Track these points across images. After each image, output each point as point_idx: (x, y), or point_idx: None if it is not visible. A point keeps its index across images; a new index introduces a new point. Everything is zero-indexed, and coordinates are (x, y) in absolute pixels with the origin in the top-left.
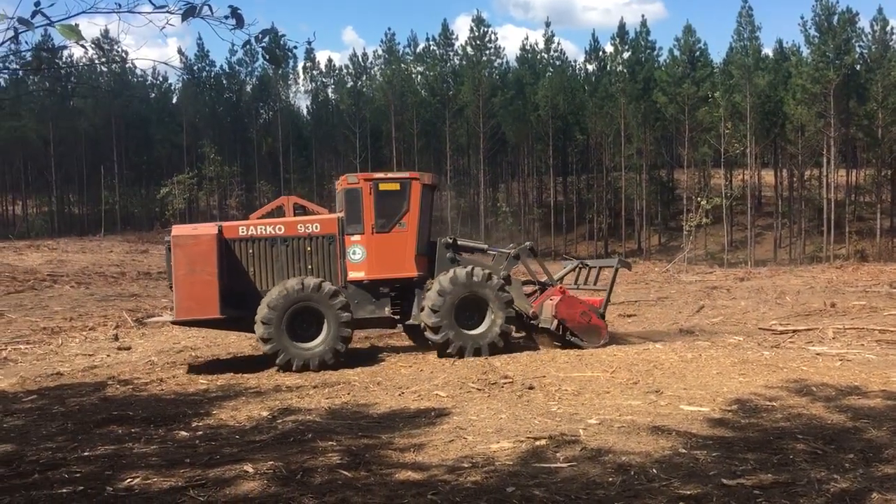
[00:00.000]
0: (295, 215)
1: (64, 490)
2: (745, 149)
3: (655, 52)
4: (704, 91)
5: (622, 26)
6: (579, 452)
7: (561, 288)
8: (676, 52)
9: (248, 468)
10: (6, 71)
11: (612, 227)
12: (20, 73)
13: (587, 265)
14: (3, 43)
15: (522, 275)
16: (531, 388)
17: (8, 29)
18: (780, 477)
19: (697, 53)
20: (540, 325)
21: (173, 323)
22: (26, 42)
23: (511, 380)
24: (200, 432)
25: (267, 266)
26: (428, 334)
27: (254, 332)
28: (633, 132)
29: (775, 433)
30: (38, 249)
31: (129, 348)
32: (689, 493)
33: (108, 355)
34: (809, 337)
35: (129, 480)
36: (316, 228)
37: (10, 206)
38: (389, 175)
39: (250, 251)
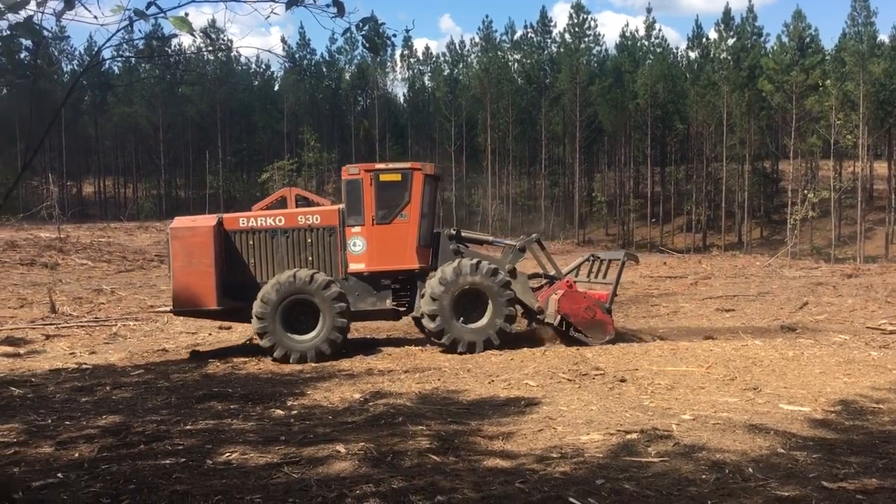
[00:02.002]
0: (297, 207)
1: (167, 461)
2: (856, 139)
3: (762, 39)
4: (814, 79)
5: (727, 12)
6: (672, 448)
7: (568, 282)
8: (785, 39)
9: (341, 448)
10: (120, 58)
11: (711, 219)
12: (133, 60)
13: (598, 258)
14: (117, 31)
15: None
16: (623, 380)
17: (123, 19)
18: (886, 482)
19: (807, 40)
20: (545, 320)
21: (171, 313)
22: (139, 30)
23: (603, 372)
24: (295, 411)
25: (267, 258)
26: (425, 321)
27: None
28: (736, 121)
29: (881, 436)
30: (147, 231)
31: (229, 328)
32: (786, 494)
33: (210, 334)
34: None
35: (227, 455)
36: (316, 220)
37: (122, 188)
38: (390, 166)
39: (251, 243)
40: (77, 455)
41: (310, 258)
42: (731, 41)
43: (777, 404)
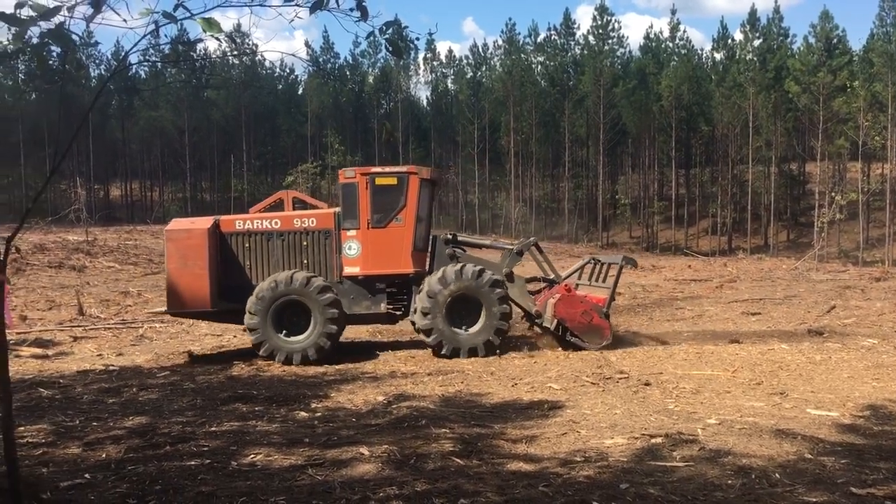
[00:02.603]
0: (294, 210)
1: (192, 462)
2: (885, 141)
3: (788, 40)
4: (842, 80)
5: (753, 13)
6: (697, 452)
7: (566, 286)
8: (811, 40)
9: (364, 451)
10: (147, 63)
11: (736, 221)
12: (159, 65)
13: (598, 261)
14: (144, 36)
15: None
16: (647, 384)
17: (150, 23)
18: None
19: (835, 40)
20: (542, 325)
21: (167, 314)
22: (165, 35)
23: (627, 375)
24: (319, 414)
25: (263, 260)
26: (422, 337)
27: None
28: (762, 123)
29: None
30: None
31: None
32: (814, 500)
33: (235, 336)
34: None
35: (252, 456)
36: (312, 223)
37: (149, 192)
38: (387, 169)
39: (247, 245)
40: (104, 456)
41: (305, 261)
42: (756, 42)
43: (804, 409)
